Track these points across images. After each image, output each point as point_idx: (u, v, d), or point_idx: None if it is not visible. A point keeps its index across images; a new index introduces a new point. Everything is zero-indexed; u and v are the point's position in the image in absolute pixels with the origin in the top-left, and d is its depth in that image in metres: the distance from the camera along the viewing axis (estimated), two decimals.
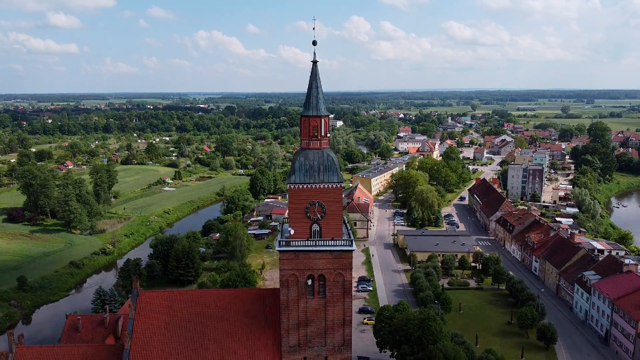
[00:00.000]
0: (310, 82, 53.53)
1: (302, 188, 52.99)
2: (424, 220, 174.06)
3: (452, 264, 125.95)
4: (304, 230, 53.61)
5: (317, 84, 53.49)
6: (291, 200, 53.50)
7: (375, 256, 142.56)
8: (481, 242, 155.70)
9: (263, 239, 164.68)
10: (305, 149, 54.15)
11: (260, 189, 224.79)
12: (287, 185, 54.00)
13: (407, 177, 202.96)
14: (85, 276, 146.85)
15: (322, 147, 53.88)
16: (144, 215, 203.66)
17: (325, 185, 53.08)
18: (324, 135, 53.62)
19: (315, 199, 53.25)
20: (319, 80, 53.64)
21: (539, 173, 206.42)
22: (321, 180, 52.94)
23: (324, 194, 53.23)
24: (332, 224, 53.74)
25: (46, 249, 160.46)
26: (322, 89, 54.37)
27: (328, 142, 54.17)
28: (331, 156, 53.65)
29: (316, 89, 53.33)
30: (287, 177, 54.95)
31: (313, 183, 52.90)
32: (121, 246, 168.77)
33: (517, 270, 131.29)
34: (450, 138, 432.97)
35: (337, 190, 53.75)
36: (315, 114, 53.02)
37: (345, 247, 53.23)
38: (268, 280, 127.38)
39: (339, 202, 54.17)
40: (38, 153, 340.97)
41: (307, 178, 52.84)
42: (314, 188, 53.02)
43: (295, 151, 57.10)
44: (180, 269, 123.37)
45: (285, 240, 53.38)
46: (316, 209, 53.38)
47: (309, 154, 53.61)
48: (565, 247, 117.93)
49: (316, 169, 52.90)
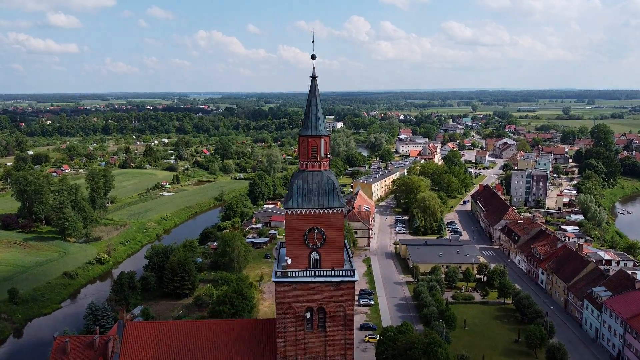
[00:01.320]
0: (309, 99, 49.74)
1: (300, 213, 49.20)
2: (426, 228, 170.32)
3: (456, 277, 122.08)
4: (302, 259, 49.83)
5: (317, 102, 49.66)
6: (288, 226, 49.65)
7: (376, 267, 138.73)
8: (485, 251, 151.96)
9: (262, 248, 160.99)
10: (303, 170, 50.35)
11: (259, 194, 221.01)
12: (284, 209, 49.85)
13: (409, 183, 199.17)
14: (79, 287, 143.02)
15: (321, 168, 50.06)
16: (140, 221, 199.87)
17: (325, 211, 49.29)
18: (324, 156, 49.82)
19: (315, 225, 49.47)
20: (318, 97, 49.80)
21: (543, 179, 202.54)
22: (321, 205, 49.16)
23: (323, 220, 49.43)
24: (332, 252, 49.94)
25: (39, 258, 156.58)
26: (323, 90, 50.74)
27: (328, 164, 50.37)
28: (332, 179, 49.83)
29: (315, 107, 49.49)
30: (284, 201, 51.00)
31: (312, 208, 49.13)
32: (116, 255, 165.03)
33: (523, 282, 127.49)
34: (452, 140, 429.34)
35: (338, 216, 49.90)
36: (314, 134, 49.24)
37: (347, 278, 49.43)
38: (266, 292, 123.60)
39: (340, 228, 50.34)
40: (35, 156, 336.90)
41: (306, 203, 49.05)
42: (313, 213, 49.25)
43: (293, 173, 53.10)
44: (175, 281, 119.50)
45: (282, 271, 49.57)
46: (315, 236, 49.60)
47: (307, 176, 49.81)
48: (573, 259, 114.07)
49: (315, 192, 49.11)
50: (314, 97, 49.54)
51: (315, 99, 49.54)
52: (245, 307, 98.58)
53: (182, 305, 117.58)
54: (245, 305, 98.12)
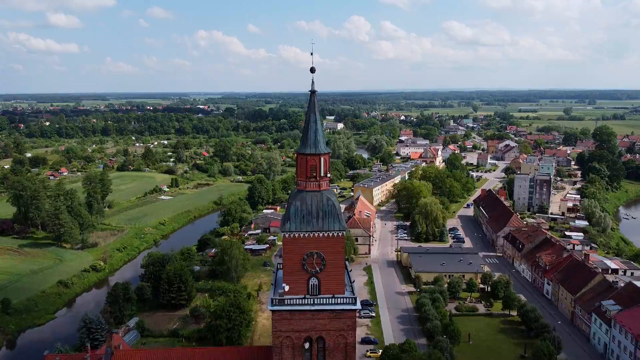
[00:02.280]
0: (307, 115, 46.81)
1: (299, 237, 46.23)
2: (428, 234, 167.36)
3: (459, 287, 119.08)
4: (300, 285, 46.84)
5: (316, 117, 46.70)
6: (286, 250, 46.69)
7: (377, 276, 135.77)
8: (488, 259, 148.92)
9: (260, 255, 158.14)
10: (301, 190, 47.35)
11: (258, 199, 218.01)
12: (280, 233, 46.83)
13: (410, 187, 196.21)
14: (74, 296, 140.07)
15: (321, 188, 47.09)
16: (138, 227, 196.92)
17: (325, 234, 46.31)
18: (324, 175, 46.85)
19: (314, 249, 46.50)
20: (318, 113, 46.82)
21: (546, 184, 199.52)
22: (320, 228, 46.20)
23: (323, 244, 46.46)
24: (332, 277, 46.96)
25: (34, 266, 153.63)
26: (324, 90, 47.79)
27: (328, 183, 47.39)
28: (332, 200, 46.85)
29: (315, 123, 46.53)
30: (280, 224, 48.03)
31: (311, 231, 46.15)
32: (113, 262, 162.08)
33: (528, 292, 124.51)
34: (453, 142, 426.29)
35: (339, 240, 46.90)
36: (313, 152, 46.29)
37: (348, 306, 46.50)
38: (265, 303, 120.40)
39: (341, 252, 47.34)
40: (33, 159, 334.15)
41: (304, 225, 46.08)
42: (312, 237, 46.27)
43: (291, 193, 50.12)
44: (172, 292, 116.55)
45: (279, 299, 46.62)
46: (314, 261, 46.64)
47: (306, 197, 46.84)
48: (580, 270, 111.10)
49: (314, 214, 46.16)
50: (313, 113, 46.58)
51: (314, 114, 46.58)
52: (243, 321, 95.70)
53: (178, 317, 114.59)
54: (242, 320, 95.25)
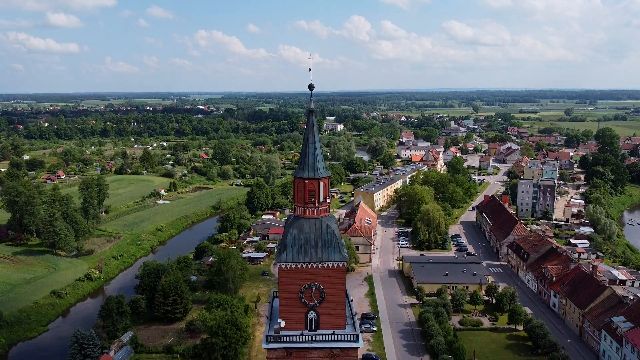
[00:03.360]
0: (306, 135, 43.36)
1: (296, 268, 42.78)
2: (430, 242, 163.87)
3: (463, 300, 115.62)
4: (297, 320, 43.35)
5: (315, 138, 43.22)
6: (282, 282, 43.20)
7: (379, 287, 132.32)
8: (492, 268, 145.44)
9: (259, 263, 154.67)
10: (299, 217, 43.85)
11: (257, 204, 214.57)
12: (276, 264, 43.36)
13: (412, 193, 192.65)
14: (68, 306, 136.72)
15: (320, 215, 43.60)
16: (134, 233, 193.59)
17: (325, 265, 42.85)
18: (323, 200, 43.40)
19: (312, 281, 43.02)
20: (316, 134, 43.36)
21: (550, 189, 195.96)
22: (319, 258, 42.74)
23: (322, 275, 42.98)
24: (332, 311, 43.49)
25: (27, 275, 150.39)
26: (324, 90, 45.29)
27: (328, 209, 43.93)
28: (332, 228, 43.34)
29: (313, 145, 43.05)
30: (276, 254, 44.55)
31: (309, 262, 42.68)
32: (108, 270, 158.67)
33: (534, 304, 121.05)
34: (454, 144, 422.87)
35: (339, 271, 43.40)
36: (312, 177, 42.82)
37: (349, 344, 43.06)
38: (263, 316, 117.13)
39: (342, 284, 43.86)
40: (30, 161, 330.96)
41: (302, 256, 42.62)
42: (311, 268, 42.81)
43: (287, 219, 46.63)
44: (167, 305, 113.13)
45: (274, 336, 43.15)
46: (313, 294, 43.16)
47: (304, 224, 43.35)
48: (588, 283, 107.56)
49: (313, 244, 42.70)
50: (312, 134, 43.12)
51: (313, 135, 43.11)
52: (240, 338, 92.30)
53: (173, 331, 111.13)
54: (239, 337, 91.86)
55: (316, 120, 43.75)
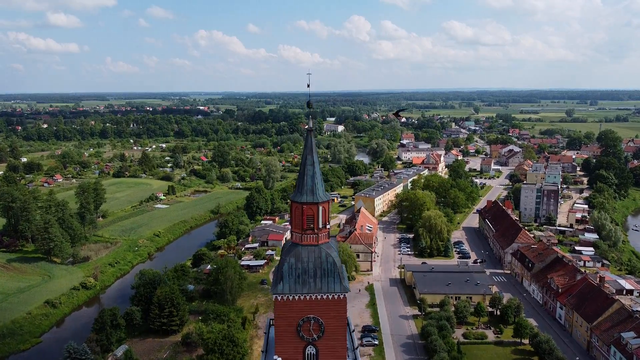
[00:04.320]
0: (304, 156, 40.36)
1: (293, 300, 39.77)
2: (432, 249, 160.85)
3: (466, 312, 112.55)
4: (295, 356, 40.35)
5: (313, 159, 40.21)
6: (278, 315, 40.24)
7: (380, 297, 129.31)
8: (496, 277, 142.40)
9: (258, 272, 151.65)
10: (297, 244, 40.84)
11: (256, 209, 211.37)
12: (272, 295, 40.26)
13: (413, 198, 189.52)
14: (62, 316, 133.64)
15: (319, 242, 40.60)
16: (132, 238, 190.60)
17: (324, 296, 39.85)
18: (323, 226, 40.39)
19: (310, 313, 40.05)
20: (315, 155, 40.36)
21: (554, 194, 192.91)
22: (318, 289, 39.76)
23: (322, 307, 40.01)
24: (332, 345, 40.48)
25: (22, 284, 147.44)
26: (324, 90, 42.60)
27: (328, 235, 40.95)
28: (332, 256, 40.31)
29: (312, 167, 40.05)
30: (272, 284, 41.49)
31: (307, 293, 39.69)
32: (104, 278, 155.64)
33: (539, 316, 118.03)
34: (455, 146, 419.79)
35: (340, 303, 40.40)
36: (310, 201, 39.83)
37: None
38: (262, 328, 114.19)
39: (342, 316, 40.86)
40: (28, 164, 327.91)
41: (300, 286, 39.65)
42: (309, 299, 39.81)
43: (284, 246, 43.57)
44: (163, 317, 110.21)
45: None
46: (311, 327, 40.18)
47: (302, 252, 40.35)
48: (595, 296, 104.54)
49: (311, 273, 39.72)
50: (310, 154, 40.09)
51: (311, 156, 40.09)
52: (237, 354, 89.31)
53: (169, 344, 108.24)
54: (236, 354, 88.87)
55: (315, 140, 40.74)
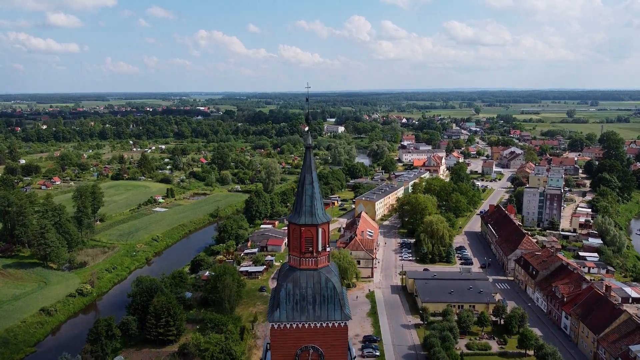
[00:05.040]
0: (302, 175, 37.93)
1: (291, 328, 37.38)
2: (434, 255, 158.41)
3: (470, 321, 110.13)
4: None
5: (312, 178, 37.78)
6: (275, 344, 37.85)
7: (381, 305, 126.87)
8: (499, 284, 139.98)
9: (257, 278, 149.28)
10: (294, 268, 38.43)
11: (256, 212, 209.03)
12: (268, 322, 37.82)
13: (414, 202, 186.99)
14: (58, 324, 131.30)
15: (318, 266, 38.21)
16: (129, 243, 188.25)
17: (324, 325, 37.48)
18: (322, 249, 38.00)
19: (309, 342, 37.69)
20: (314, 173, 37.94)
21: (557, 198, 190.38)
22: (317, 317, 37.37)
23: (321, 336, 37.63)
24: None
25: (17, 290, 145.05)
26: (324, 90, 40.78)
27: (328, 258, 38.56)
28: (332, 281, 37.91)
29: (311, 186, 37.62)
30: (268, 311, 39.09)
31: (306, 321, 37.30)
32: (101, 284, 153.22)
33: (544, 325, 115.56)
34: (456, 147, 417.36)
35: (340, 331, 38.03)
36: (309, 222, 37.42)
37: None
38: (260, 338, 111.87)
39: (343, 345, 38.48)
40: (26, 166, 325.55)
41: (297, 314, 37.25)
42: (307, 328, 37.43)
43: (281, 269, 41.12)
44: (159, 327, 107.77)
45: None
46: (310, 357, 37.82)
47: (300, 277, 37.95)
48: (602, 306, 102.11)
49: (310, 300, 37.33)
50: (309, 173, 37.67)
51: (310, 174, 37.65)
52: None
53: (166, 355, 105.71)
54: None
55: (314, 158, 38.33)
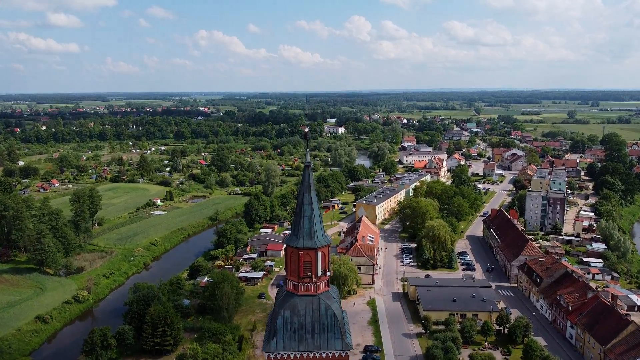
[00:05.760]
0: (300, 195, 35.61)
1: (288, 358, 35.10)
2: (435, 260, 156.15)
3: (473, 331, 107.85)
4: None
5: (312, 198, 35.45)
6: None
7: (382, 313, 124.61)
8: (502, 290, 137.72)
9: (256, 284, 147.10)
10: (292, 294, 36.15)
11: (255, 216, 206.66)
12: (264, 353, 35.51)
13: (416, 206, 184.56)
14: (53, 332, 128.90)
15: (318, 292, 35.96)
16: (127, 247, 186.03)
17: (324, 355, 35.22)
18: (322, 273, 35.74)
19: None
20: (314, 193, 35.60)
21: (560, 202, 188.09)
22: (317, 347, 35.16)
23: None
24: None
25: (12, 297, 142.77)
26: (325, 90, 38.18)
27: (328, 283, 36.28)
28: (332, 308, 35.67)
29: (310, 206, 35.29)
30: (264, 341, 36.80)
31: (304, 351, 35.06)
32: (98, 290, 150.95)
33: (548, 334, 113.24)
34: (457, 149, 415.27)
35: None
36: (308, 246, 35.12)
37: None
38: (259, 348, 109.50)
39: None
40: (24, 168, 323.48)
41: (296, 344, 35.01)
42: (306, 358, 35.16)
43: (277, 294, 38.81)
44: (156, 337, 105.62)
45: None
46: None
47: (298, 304, 35.71)
48: (608, 316, 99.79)
49: (309, 328, 35.12)
50: (308, 193, 35.32)
51: (309, 194, 35.29)
52: None
53: None
54: None
55: (313, 176, 36.01)
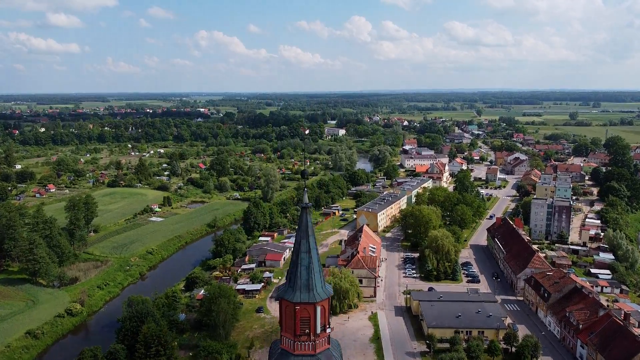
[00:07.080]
0: (297, 241, 31.40)
1: None
2: (439, 272, 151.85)
3: (479, 350, 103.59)
4: None
5: (310, 245, 31.22)
6: None
7: (385, 329, 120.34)
8: (508, 304, 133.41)
9: (254, 297, 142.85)
10: (288, 354, 31.94)
11: (254, 224, 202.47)
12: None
13: (418, 215, 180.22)
14: (44, 348, 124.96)
15: (317, 351, 31.78)
16: (123, 256, 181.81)
17: None
18: (322, 330, 31.53)
19: None
20: (312, 238, 31.40)
21: (565, 210, 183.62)
22: None
23: None
24: None
25: (3, 310, 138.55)
26: (325, 91, 39.00)
27: (328, 339, 32.08)
28: None
29: (307, 254, 31.06)
30: None
31: None
32: (92, 302, 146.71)
33: (557, 353, 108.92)
34: (459, 151, 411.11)
35: None
36: (305, 300, 30.90)
37: None
38: None
39: None
40: (21, 172, 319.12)
41: None
42: None
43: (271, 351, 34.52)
44: (149, 356, 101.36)
45: None
46: None
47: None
48: (621, 337, 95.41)
49: None
50: (306, 239, 31.08)
51: (307, 241, 31.04)
52: None
53: None
54: None
55: (311, 220, 31.76)
